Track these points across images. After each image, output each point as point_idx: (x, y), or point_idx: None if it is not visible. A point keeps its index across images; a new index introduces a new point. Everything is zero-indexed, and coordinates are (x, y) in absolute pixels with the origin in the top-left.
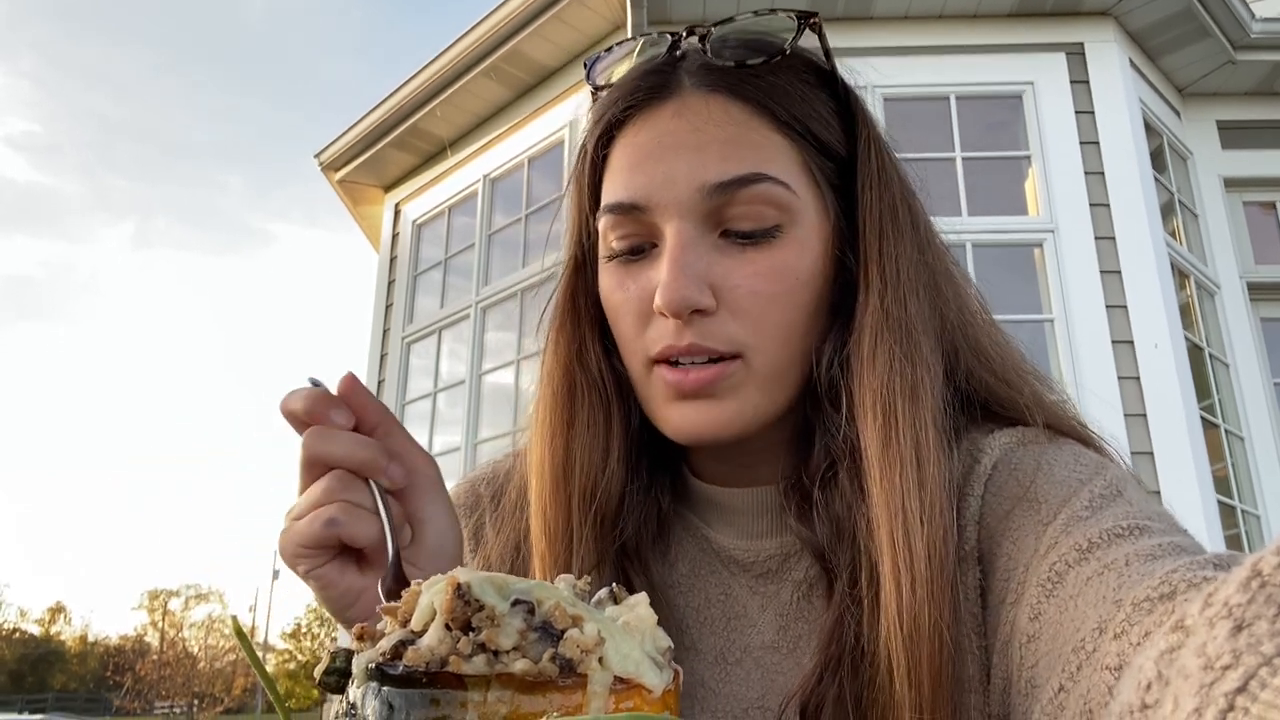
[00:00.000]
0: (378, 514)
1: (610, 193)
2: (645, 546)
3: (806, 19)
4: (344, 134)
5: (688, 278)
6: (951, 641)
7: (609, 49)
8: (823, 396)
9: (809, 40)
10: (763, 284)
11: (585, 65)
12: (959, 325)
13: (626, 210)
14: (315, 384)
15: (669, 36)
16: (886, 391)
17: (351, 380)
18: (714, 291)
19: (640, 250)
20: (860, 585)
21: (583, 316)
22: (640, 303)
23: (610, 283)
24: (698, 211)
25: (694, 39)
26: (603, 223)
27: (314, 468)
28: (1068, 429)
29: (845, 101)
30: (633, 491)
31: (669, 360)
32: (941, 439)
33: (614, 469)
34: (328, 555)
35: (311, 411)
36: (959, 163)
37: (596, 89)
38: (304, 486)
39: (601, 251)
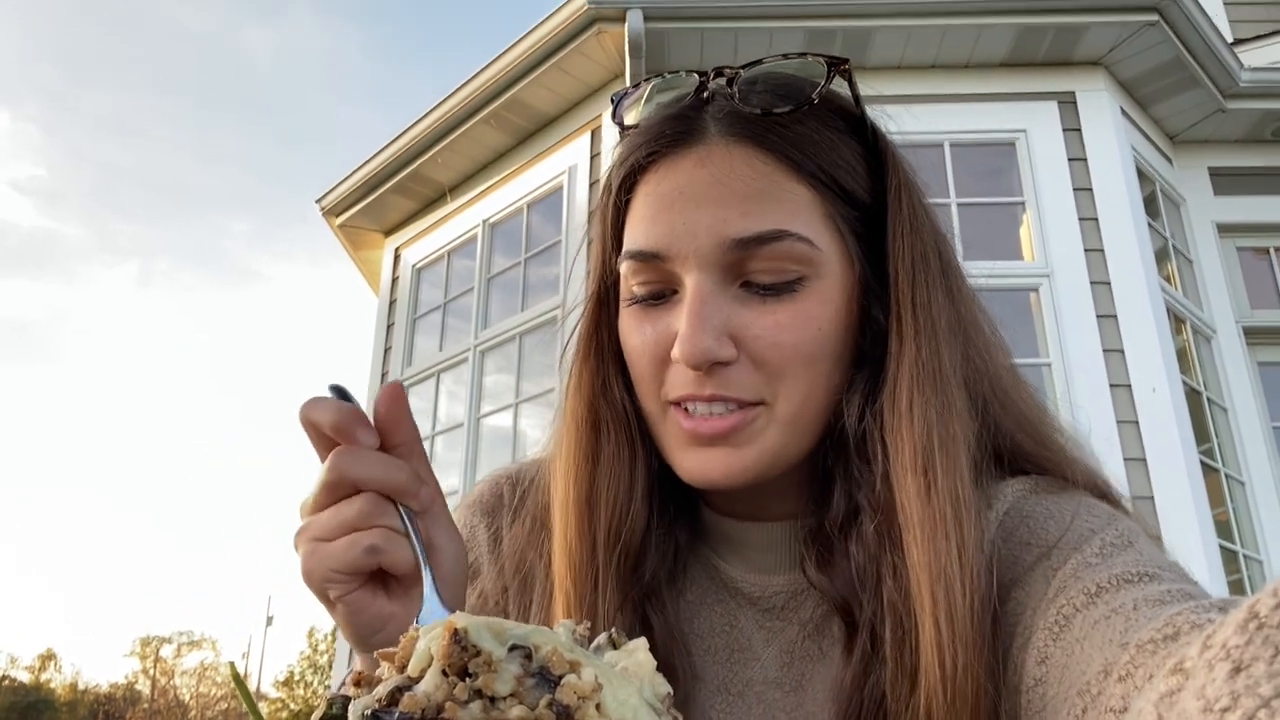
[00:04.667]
0: (409, 538)
1: (631, 239)
2: (662, 584)
3: (836, 65)
4: (345, 179)
5: (706, 331)
6: (993, 705)
7: (635, 85)
8: (851, 447)
9: (838, 85)
10: (785, 335)
11: (612, 99)
12: (987, 375)
13: (647, 258)
14: (340, 393)
15: (696, 77)
16: (925, 445)
17: (397, 392)
18: (735, 342)
19: (661, 296)
20: (884, 641)
21: (606, 351)
22: (658, 348)
23: (629, 325)
24: (719, 264)
25: (721, 80)
26: (624, 267)
27: (338, 488)
28: (1083, 481)
29: (875, 147)
30: (655, 530)
31: (686, 405)
32: (975, 495)
33: (638, 505)
34: (360, 581)
35: (339, 429)
36: (954, 209)
37: (623, 128)
38: (323, 504)
39: (623, 293)
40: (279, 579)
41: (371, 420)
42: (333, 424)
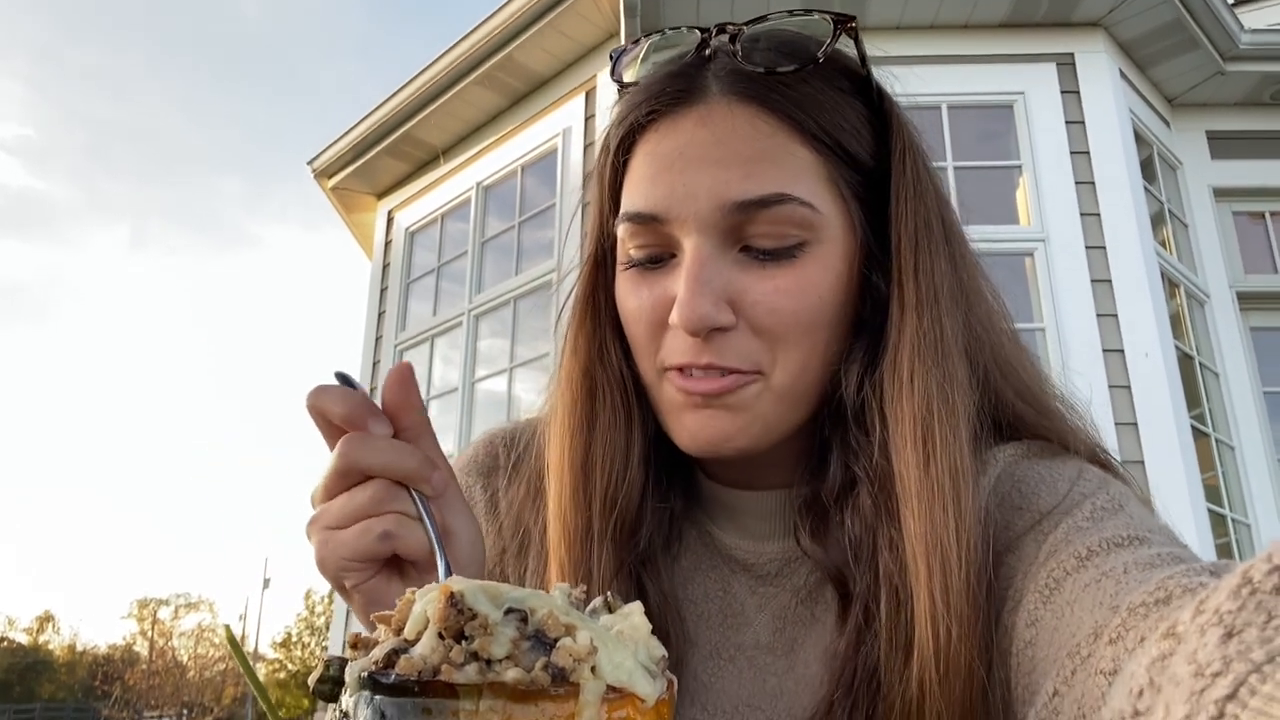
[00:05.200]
0: (423, 523)
1: (629, 201)
2: (657, 551)
3: (843, 23)
4: (337, 141)
5: (705, 296)
6: (985, 678)
7: (635, 41)
8: (849, 417)
9: (844, 45)
10: (784, 301)
11: (611, 56)
12: (989, 343)
13: (645, 220)
14: (345, 380)
15: (698, 33)
16: (925, 416)
17: (406, 374)
18: (733, 307)
19: (659, 259)
20: (879, 613)
21: (603, 315)
22: (655, 312)
23: (626, 288)
24: (718, 228)
25: (724, 38)
26: (621, 230)
27: (349, 476)
28: (1084, 450)
29: (879, 109)
30: (651, 497)
31: (683, 370)
32: (974, 467)
33: (634, 472)
34: (376, 568)
35: (350, 419)
36: (951, 172)
37: (622, 86)
38: (334, 491)
39: (620, 257)
40: (276, 541)
41: (379, 402)
42: (343, 415)
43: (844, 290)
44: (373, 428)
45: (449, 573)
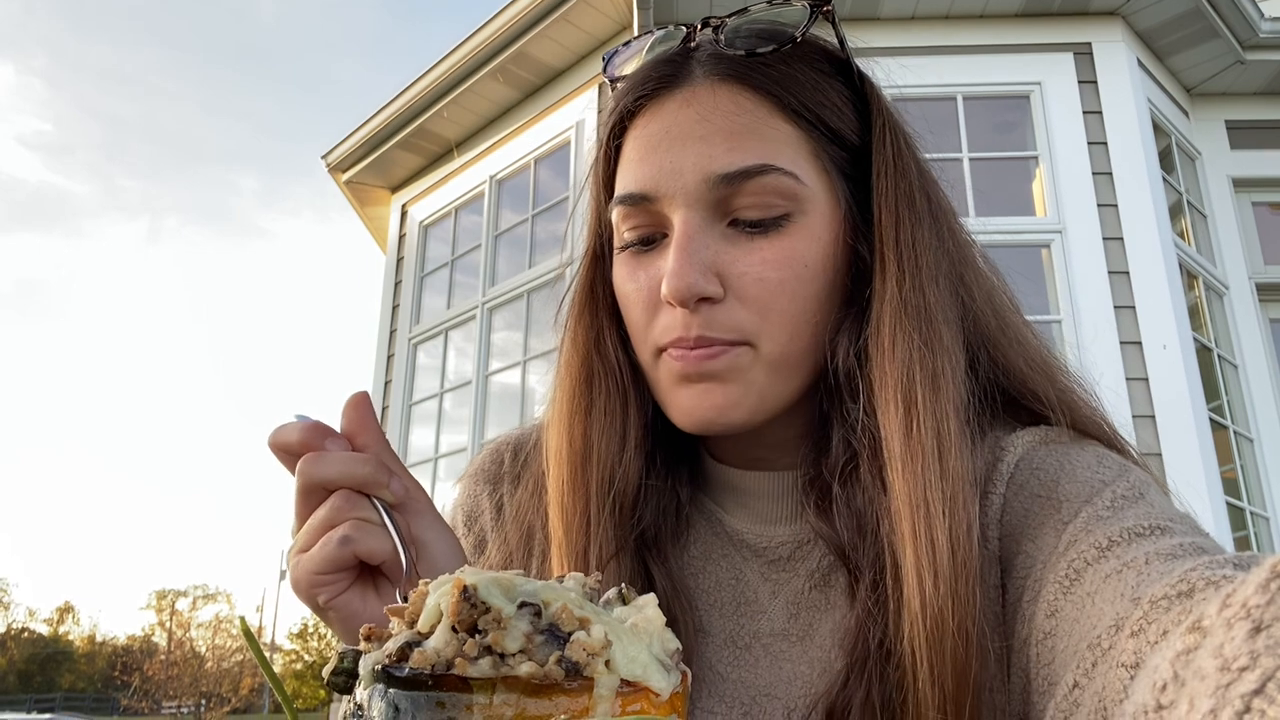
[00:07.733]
0: (386, 529)
1: (621, 184)
2: (665, 539)
3: (819, 7)
4: (351, 135)
5: (693, 266)
6: (976, 638)
7: (626, 43)
8: (840, 388)
9: (823, 28)
10: (771, 271)
11: (603, 59)
12: (988, 315)
13: (636, 201)
14: (303, 419)
15: (684, 29)
16: (907, 380)
17: (361, 400)
18: (721, 280)
19: (652, 241)
20: (885, 584)
21: (600, 305)
22: (649, 292)
23: (622, 273)
24: (705, 201)
25: (708, 30)
26: (615, 214)
27: (312, 495)
28: (1094, 430)
29: (860, 89)
30: (650, 481)
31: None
32: (963, 430)
33: (631, 457)
34: (346, 580)
35: (306, 443)
36: (966, 163)
37: (613, 82)
38: (303, 516)
39: (616, 242)
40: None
41: (339, 429)
42: (300, 440)
43: (830, 261)
44: (328, 447)
45: (411, 571)
